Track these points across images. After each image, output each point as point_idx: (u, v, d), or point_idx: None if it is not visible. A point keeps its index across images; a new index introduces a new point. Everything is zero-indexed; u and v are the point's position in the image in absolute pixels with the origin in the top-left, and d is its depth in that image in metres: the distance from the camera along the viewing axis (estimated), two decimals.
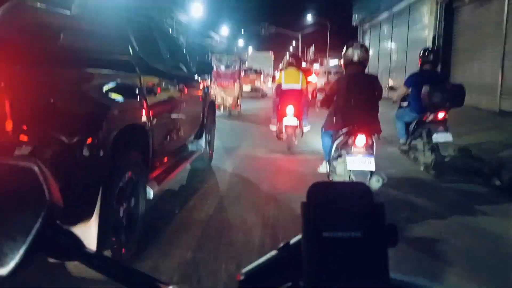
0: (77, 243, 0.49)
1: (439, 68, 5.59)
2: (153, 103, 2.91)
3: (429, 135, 4.58)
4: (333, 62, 27.41)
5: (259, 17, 43.58)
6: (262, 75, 19.07)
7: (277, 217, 3.45)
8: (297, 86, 6.29)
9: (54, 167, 1.66)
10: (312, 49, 47.94)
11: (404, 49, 14.87)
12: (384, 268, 0.41)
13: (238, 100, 11.16)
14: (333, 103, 3.86)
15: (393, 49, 16.74)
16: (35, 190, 0.45)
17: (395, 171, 4.71)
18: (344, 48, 3.84)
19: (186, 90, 3.98)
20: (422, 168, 4.83)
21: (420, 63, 4.92)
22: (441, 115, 4.53)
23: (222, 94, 10.75)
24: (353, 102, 3.66)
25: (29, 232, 0.43)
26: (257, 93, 18.09)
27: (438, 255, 2.77)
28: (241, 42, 50.36)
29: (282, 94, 6.30)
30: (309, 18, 39.51)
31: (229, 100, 10.87)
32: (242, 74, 15.48)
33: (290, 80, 6.32)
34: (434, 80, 4.63)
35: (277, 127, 6.46)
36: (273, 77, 15.92)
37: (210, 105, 5.19)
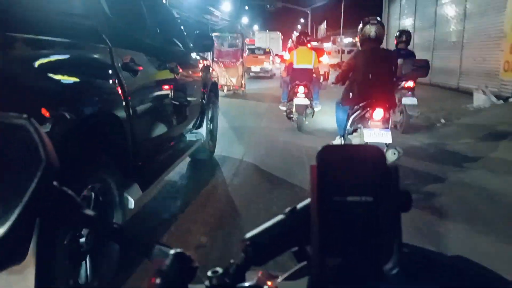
0: (76, 205, 0.50)
1: (411, 47, 7.02)
2: (133, 85, 2.35)
3: (399, 100, 5.81)
4: (347, 40, 26.49)
5: None
6: (271, 56, 18.93)
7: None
8: (309, 66, 6.59)
9: None
10: (323, 26, 46.69)
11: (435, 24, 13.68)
12: (397, 234, 0.43)
13: (242, 80, 11.08)
14: (350, 78, 4.04)
15: (439, 20, 14.76)
16: (29, 149, 0.46)
17: None
18: (360, 25, 4.03)
19: (180, 70, 3.44)
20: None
21: (396, 42, 6.54)
22: (410, 83, 6.00)
23: (225, 74, 10.75)
24: (371, 76, 3.82)
25: (23, 193, 0.44)
26: (266, 74, 17.95)
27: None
28: (245, 20, 49.34)
29: (293, 74, 6.58)
30: None
31: (233, 80, 10.86)
32: (246, 53, 15.62)
33: (303, 59, 6.59)
34: (406, 56, 5.76)
35: (287, 107, 6.77)
36: (281, 57, 15.82)
37: (212, 88, 4.64)
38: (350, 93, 3.99)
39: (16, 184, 0.45)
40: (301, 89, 6.31)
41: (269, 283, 0.50)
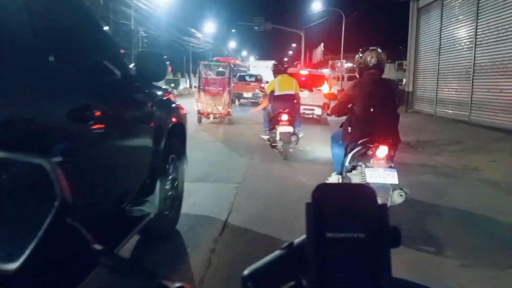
0: (87, 242, 0.54)
1: None
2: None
3: None
4: (348, 65, 25.94)
5: (254, 13, 42.55)
6: (262, 83, 20.67)
7: None
8: (292, 92, 7.18)
9: None
10: (320, 49, 46.61)
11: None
12: (386, 269, 0.49)
13: (229, 108, 12.04)
14: (348, 111, 4.03)
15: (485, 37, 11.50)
16: (45, 188, 0.51)
17: None
18: (358, 55, 4.04)
19: (108, 107, 2.34)
20: None
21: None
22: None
23: (211, 102, 11.78)
24: (373, 109, 3.80)
25: (38, 229, 0.49)
26: (258, 100, 20.04)
27: None
28: (232, 44, 49.34)
29: (275, 101, 7.08)
30: (316, 6, 35.25)
31: (219, 108, 11.82)
32: (234, 81, 17.64)
33: (284, 86, 7.16)
34: None
35: (270, 135, 7.31)
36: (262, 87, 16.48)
37: (175, 132, 3.54)
38: (349, 128, 3.96)
39: (30, 220, 0.51)
40: (284, 116, 6.81)
41: None
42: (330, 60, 34.12)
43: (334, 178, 4.25)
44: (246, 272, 0.53)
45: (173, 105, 3.79)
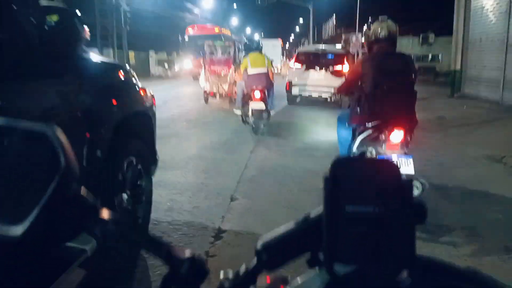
0: (91, 209, 0.57)
1: None
2: None
3: None
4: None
5: None
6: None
7: None
8: (263, 69, 7.79)
9: None
10: (331, 22, 45.10)
11: None
12: (410, 246, 0.50)
13: (234, 87, 12.03)
14: (357, 90, 3.77)
15: None
16: (50, 154, 0.55)
17: None
18: (366, 25, 3.86)
19: None
20: None
21: None
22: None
23: (217, 82, 12.23)
24: (386, 88, 3.53)
25: (42, 195, 0.53)
26: None
27: None
28: (234, 21, 48.14)
29: (248, 79, 7.76)
30: None
31: (225, 87, 12.17)
32: (241, 59, 18.39)
33: (256, 64, 7.80)
34: None
35: (242, 111, 8.12)
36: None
37: (131, 126, 2.71)
38: (358, 108, 3.70)
39: (35, 187, 0.54)
40: (257, 93, 7.47)
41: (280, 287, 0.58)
42: (344, 34, 32.91)
43: None
44: (259, 243, 0.55)
45: (131, 88, 2.90)
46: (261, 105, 7.47)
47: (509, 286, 0.54)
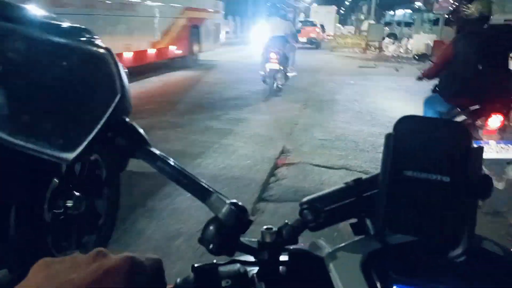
0: (144, 140, 0.58)
1: None
2: None
3: None
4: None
5: None
6: (317, 28, 25.39)
7: None
8: (281, 33, 8.46)
9: None
10: None
11: None
12: (470, 221, 0.46)
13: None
14: (447, 71, 3.69)
15: None
16: (108, 80, 0.56)
17: None
18: (454, 3, 3.76)
19: None
20: None
21: None
22: None
23: None
24: (482, 68, 3.42)
25: (97, 120, 0.53)
26: (312, 45, 23.90)
27: None
28: None
29: (268, 42, 8.47)
30: None
31: None
32: (299, 26, 22.01)
33: (274, 28, 8.51)
34: None
35: (263, 71, 8.56)
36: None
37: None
38: (447, 89, 3.66)
39: (90, 112, 0.53)
40: (272, 55, 8.19)
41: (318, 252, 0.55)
42: None
43: None
44: (305, 201, 0.54)
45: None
46: (275, 66, 8.23)
47: None
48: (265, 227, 0.55)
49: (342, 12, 67.27)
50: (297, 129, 6.09)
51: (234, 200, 0.54)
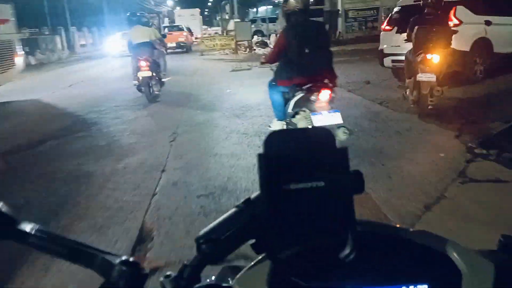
0: (10, 220, 0.52)
1: None
2: None
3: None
4: None
5: None
6: (184, 32, 25.33)
7: None
8: (147, 40, 8.55)
9: None
10: None
11: None
12: (350, 217, 0.49)
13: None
14: (284, 56, 4.34)
15: None
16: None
17: None
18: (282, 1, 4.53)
19: None
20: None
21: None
22: (429, 56, 5.76)
23: None
24: (308, 51, 4.14)
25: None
26: (182, 49, 24.35)
27: None
28: None
29: (134, 50, 8.54)
30: None
31: None
32: (165, 31, 22.50)
33: (138, 36, 8.56)
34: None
35: (137, 80, 8.63)
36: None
37: None
38: (285, 72, 4.31)
39: None
40: (142, 63, 8.17)
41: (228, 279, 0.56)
42: None
43: (277, 125, 4.58)
44: (200, 234, 0.52)
45: None
46: (147, 73, 8.22)
47: (462, 246, 0.54)
48: (164, 275, 0.53)
49: (206, 13, 66.80)
50: (163, 183, 4.25)
51: (124, 257, 0.51)
